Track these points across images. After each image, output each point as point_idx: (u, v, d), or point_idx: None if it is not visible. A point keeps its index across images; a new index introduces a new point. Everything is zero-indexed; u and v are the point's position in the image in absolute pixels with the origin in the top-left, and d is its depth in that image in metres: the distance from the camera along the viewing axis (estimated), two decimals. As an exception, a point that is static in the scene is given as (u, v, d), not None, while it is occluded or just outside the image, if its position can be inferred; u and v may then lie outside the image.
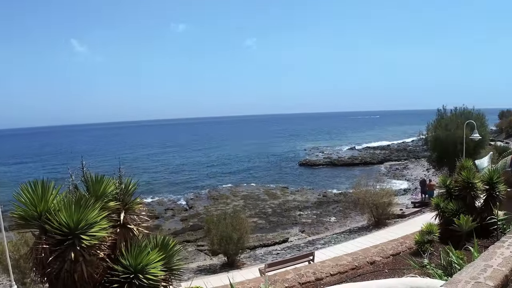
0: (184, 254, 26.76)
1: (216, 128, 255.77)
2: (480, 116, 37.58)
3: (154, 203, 43.92)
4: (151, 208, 40.99)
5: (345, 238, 26.66)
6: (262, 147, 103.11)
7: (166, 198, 46.92)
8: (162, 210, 40.91)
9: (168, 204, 43.93)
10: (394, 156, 74.36)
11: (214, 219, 23.72)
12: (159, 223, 35.70)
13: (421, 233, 13.25)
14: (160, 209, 41.36)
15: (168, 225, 35.20)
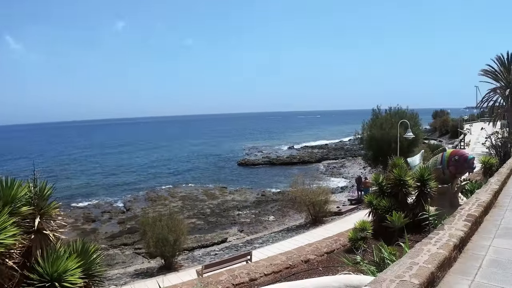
0: (121, 258, 26.27)
1: (158, 128, 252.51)
2: (414, 115, 38.49)
3: (90, 206, 42.92)
4: (87, 211, 40.12)
5: (283, 237, 26.69)
6: (203, 148, 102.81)
7: (103, 200, 45.82)
8: (99, 213, 39.89)
9: (105, 206, 42.90)
10: (332, 155, 75.56)
11: (149, 221, 23.24)
12: (95, 227, 34.87)
13: (355, 230, 13.35)
14: (97, 212, 40.34)
15: (105, 228, 34.33)
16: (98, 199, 46.59)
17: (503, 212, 10.86)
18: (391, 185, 14.08)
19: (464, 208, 9.16)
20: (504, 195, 13.53)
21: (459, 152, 14.75)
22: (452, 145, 61.36)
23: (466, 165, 14.03)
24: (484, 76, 55.19)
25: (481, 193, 11.44)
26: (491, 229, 9.00)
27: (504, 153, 27.05)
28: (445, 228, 7.39)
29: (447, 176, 14.57)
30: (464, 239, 7.20)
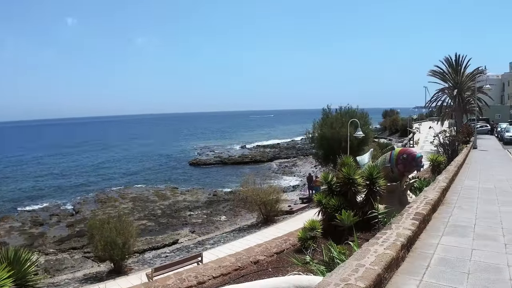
0: (70, 262, 25.45)
1: (110, 128, 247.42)
2: (364, 115, 38.81)
3: (38, 209, 41.42)
4: (35, 214, 38.80)
5: (234, 237, 26.34)
6: (154, 147, 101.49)
7: (52, 203, 44.26)
8: (47, 216, 38.48)
9: (53, 209, 41.44)
10: (284, 154, 75.73)
11: (97, 224, 22.51)
12: (43, 231, 33.55)
13: (304, 229, 13.19)
14: (45, 215, 38.92)
15: (53, 232, 33.13)
16: (46, 202, 44.94)
17: (451, 209, 10.90)
18: (340, 184, 13.97)
19: (412, 207, 9.09)
20: (452, 192, 13.63)
21: (407, 151, 14.78)
22: (402, 143, 62.41)
23: (414, 163, 14.06)
24: (433, 77, 56.51)
25: (429, 191, 11.45)
26: (439, 227, 8.97)
27: (452, 151, 27.53)
28: (393, 227, 7.26)
29: (395, 174, 14.58)
30: (412, 238, 7.10)
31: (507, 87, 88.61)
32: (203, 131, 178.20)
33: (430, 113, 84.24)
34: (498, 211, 11.10)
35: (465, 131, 38.74)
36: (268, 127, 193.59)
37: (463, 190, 14.59)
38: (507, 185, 16.28)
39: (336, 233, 12.53)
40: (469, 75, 54.06)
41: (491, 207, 11.72)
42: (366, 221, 12.99)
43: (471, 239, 8.16)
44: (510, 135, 45.27)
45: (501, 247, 7.71)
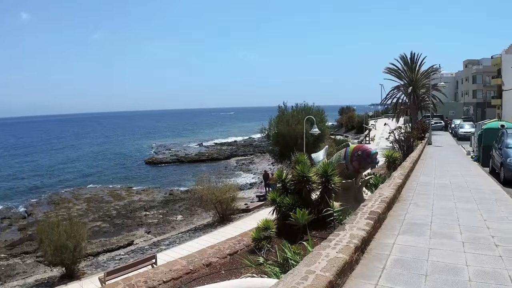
0: (22, 267, 24.45)
1: (65, 127, 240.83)
2: (320, 112, 38.72)
3: (-13, 213, 39.85)
4: (-15, 219, 37.26)
5: (190, 237, 25.79)
6: (109, 146, 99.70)
7: (3, 206, 42.45)
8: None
9: (4, 212, 39.72)
10: (241, 152, 75.41)
11: (46, 228, 21.57)
12: (-7, 235, 32.29)
13: (258, 229, 12.78)
14: (-5, 219, 37.48)
15: (4, 236, 31.69)
16: (-4, 204, 43.45)
17: (407, 207, 10.63)
18: (295, 181, 13.62)
19: (367, 205, 8.74)
20: (407, 189, 13.41)
21: (362, 147, 14.45)
22: (358, 140, 62.97)
23: (369, 160, 13.78)
24: (388, 74, 57.24)
25: (384, 188, 11.17)
26: (395, 225, 8.65)
27: (407, 147, 27.57)
28: (346, 228, 6.86)
29: (350, 171, 14.28)
30: (366, 239, 6.71)
31: (461, 85, 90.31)
32: (161, 129, 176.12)
33: (385, 110, 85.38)
34: (454, 207, 10.93)
35: (420, 127, 39.13)
36: (227, 124, 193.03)
37: (418, 186, 14.44)
38: (462, 180, 16.27)
39: (291, 232, 12.19)
40: (424, 73, 55.04)
41: (447, 203, 11.55)
42: (322, 219, 12.68)
43: (427, 238, 7.86)
44: (464, 131, 46.08)
45: (458, 246, 7.42)
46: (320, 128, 30.65)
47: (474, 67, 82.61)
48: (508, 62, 60.99)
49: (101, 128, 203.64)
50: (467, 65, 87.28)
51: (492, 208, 11.02)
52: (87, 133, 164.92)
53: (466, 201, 11.92)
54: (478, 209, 10.72)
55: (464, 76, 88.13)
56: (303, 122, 29.47)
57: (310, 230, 11.48)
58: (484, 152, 23.21)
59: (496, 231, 8.48)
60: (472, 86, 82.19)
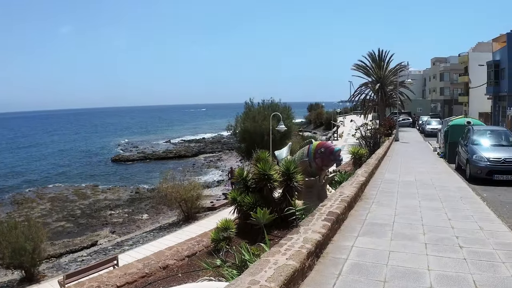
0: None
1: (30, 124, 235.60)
2: (287, 108, 38.39)
3: None
4: None
5: (154, 237, 25.20)
6: (76, 144, 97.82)
7: (-39, 208, 41.33)
8: (-45, 222, 35.69)
9: (-38, 215, 38.63)
10: (209, 149, 74.74)
11: (4, 230, 20.70)
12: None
13: (217, 230, 12.29)
14: (-47, 221, 36.10)
15: (-39, 239, 30.68)
16: (-45, 206, 41.94)
17: (369, 206, 10.21)
18: (256, 180, 13.15)
19: (326, 205, 8.27)
20: (371, 187, 13.02)
21: (325, 144, 14.03)
22: (326, 136, 62.95)
23: (332, 157, 13.38)
24: (357, 71, 57.32)
25: (346, 186, 10.74)
26: (355, 227, 8.20)
27: (374, 144, 27.37)
28: (301, 231, 6.36)
29: (314, 169, 13.87)
30: (322, 242, 6.21)
31: (428, 82, 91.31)
32: (129, 126, 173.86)
33: (354, 106, 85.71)
34: (419, 206, 10.57)
35: (387, 124, 39.08)
36: (196, 121, 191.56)
37: (383, 183, 14.08)
38: (428, 178, 15.99)
39: (253, 232, 11.82)
40: (392, 70, 55.20)
41: (411, 201, 11.20)
42: (285, 218, 12.29)
43: (389, 240, 7.42)
44: (431, 128, 46.29)
45: (421, 248, 7.00)
46: (286, 124, 30.43)
47: (442, 65, 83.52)
48: (475, 60, 61.48)
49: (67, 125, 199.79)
50: (435, 62, 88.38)
51: (457, 206, 10.71)
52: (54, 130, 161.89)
53: (431, 199, 11.58)
54: (443, 208, 10.39)
55: (431, 73, 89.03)
56: (270, 118, 29.07)
57: (273, 230, 11.37)
58: (450, 148, 23.04)
59: (461, 231, 8.12)
60: (440, 83, 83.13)
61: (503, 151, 16.96)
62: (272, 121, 29.06)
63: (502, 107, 48.10)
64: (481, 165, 16.32)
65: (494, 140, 18.42)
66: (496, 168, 16.08)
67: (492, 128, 22.73)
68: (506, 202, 12.26)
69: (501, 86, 48.76)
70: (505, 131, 19.87)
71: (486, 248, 7.06)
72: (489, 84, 52.35)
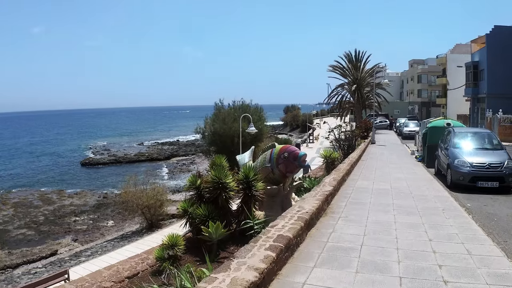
0: None
1: (7, 125, 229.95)
2: (258, 109, 36.89)
3: None
4: None
5: (113, 247, 23.71)
6: (44, 146, 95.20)
7: None
8: None
9: None
10: (182, 151, 73.45)
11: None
12: None
13: (162, 247, 10.63)
14: None
15: None
16: None
17: (335, 222, 8.52)
18: (210, 188, 11.50)
19: (277, 225, 6.57)
20: (340, 197, 11.40)
21: (288, 149, 12.37)
22: (302, 139, 61.92)
23: (296, 163, 11.79)
24: (333, 72, 56.31)
25: (307, 199, 9.07)
26: (312, 253, 6.50)
27: (348, 146, 25.95)
28: (232, 266, 4.63)
29: (277, 176, 12.29)
30: (258, 284, 4.49)
31: (406, 84, 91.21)
32: (102, 128, 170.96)
33: (331, 109, 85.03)
34: (394, 222, 8.89)
35: (363, 126, 37.91)
36: (175, 122, 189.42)
37: (354, 193, 12.38)
38: (405, 185, 14.37)
39: (206, 248, 10.24)
40: (369, 71, 54.23)
41: (385, 215, 9.54)
42: (243, 232, 10.70)
43: (353, 272, 5.73)
44: (408, 130, 45.48)
45: (394, 284, 5.35)
46: (258, 126, 29.18)
47: (420, 67, 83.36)
48: (453, 62, 61.39)
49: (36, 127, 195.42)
50: (413, 64, 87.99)
51: (439, 221, 9.05)
52: (26, 133, 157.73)
53: (408, 212, 9.93)
54: (422, 224, 8.71)
55: (409, 75, 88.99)
56: (240, 120, 27.63)
57: (229, 245, 10.49)
58: (429, 152, 21.46)
59: (445, 256, 6.50)
60: (417, 85, 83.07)
61: (487, 155, 15.38)
62: (243, 123, 27.65)
63: (481, 109, 47.55)
64: (464, 170, 14.72)
65: (477, 143, 16.81)
66: (480, 174, 14.49)
67: (475, 130, 21.03)
68: (494, 214, 10.67)
69: (480, 88, 48.28)
70: (488, 133, 18.27)
71: (478, 283, 5.45)
72: (467, 86, 51.76)
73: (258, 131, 29.38)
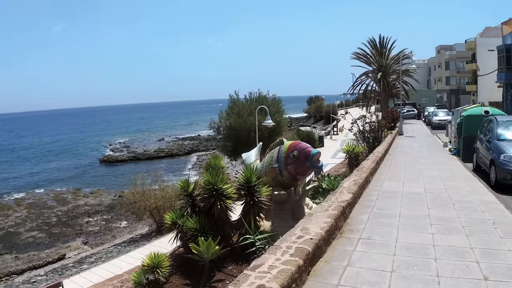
0: None
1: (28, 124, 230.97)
2: (276, 101, 34.67)
3: None
4: None
5: (118, 252, 21.85)
6: (63, 144, 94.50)
7: None
8: None
9: None
10: (203, 146, 71.95)
11: None
12: None
13: (142, 270, 8.69)
14: None
15: None
16: None
17: (352, 248, 6.22)
18: (204, 196, 9.46)
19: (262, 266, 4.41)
20: (362, 206, 9.13)
21: (299, 146, 9.89)
22: (325, 131, 59.81)
23: (308, 164, 9.42)
24: (356, 60, 53.91)
25: (316, 214, 6.85)
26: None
27: (374, 138, 23.67)
28: None
29: (286, 179, 10.04)
30: None
31: (433, 72, 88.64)
32: (123, 123, 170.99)
33: (356, 99, 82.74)
34: (432, 246, 6.47)
35: (390, 116, 35.68)
36: (201, 117, 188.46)
37: (379, 199, 10.05)
38: (441, 187, 11.95)
39: (199, 267, 8.66)
40: (394, 58, 51.50)
41: (419, 235, 7.12)
42: (244, 248, 8.69)
43: None
44: (438, 119, 43.40)
45: None
46: (276, 119, 27.59)
47: (447, 53, 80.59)
48: (483, 46, 58.36)
49: (57, 125, 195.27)
50: (440, 50, 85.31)
51: (493, 243, 6.62)
52: (45, 131, 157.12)
53: (450, 229, 7.45)
54: (471, 248, 6.28)
55: (436, 62, 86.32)
56: (256, 113, 25.64)
57: (228, 264, 8.82)
58: (465, 144, 18.87)
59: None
60: (445, 72, 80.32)
61: (541, 149, 12.83)
62: (259, 116, 25.72)
63: (515, 95, 44.80)
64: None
65: (527, 134, 14.16)
66: (532, 172, 12.01)
67: (521, 118, 18.24)
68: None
69: (513, 72, 45.40)
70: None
71: None
72: (499, 71, 48.83)
73: (276, 124, 27.57)
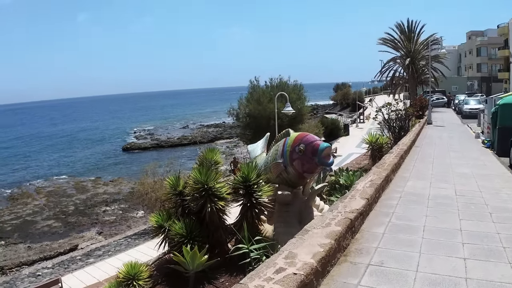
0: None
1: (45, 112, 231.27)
2: (297, 87, 33.27)
3: None
4: None
5: (127, 245, 21.57)
6: (89, 132, 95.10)
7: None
8: None
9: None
10: (227, 134, 71.30)
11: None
12: None
13: (117, 282, 7.47)
14: None
15: None
16: None
17: (357, 281, 4.54)
18: (196, 195, 8.13)
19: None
20: (378, 214, 7.47)
21: (306, 138, 8.36)
22: (351, 119, 58.36)
23: (316, 160, 7.89)
24: (384, 45, 52.04)
25: (312, 231, 5.22)
26: None
27: (400, 127, 22.03)
28: None
29: (292, 176, 8.60)
30: None
31: (464, 58, 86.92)
32: (148, 109, 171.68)
33: (384, 86, 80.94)
34: (464, 279, 4.69)
35: (418, 103, 33.98)
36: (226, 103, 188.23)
37: (400, 205, 8.24)
38: (475, 188, 10.13)
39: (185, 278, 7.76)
40: (423, 43, 49.57)
41: (448, 262, 5.27)
42: (241, 257, 7.60)
43: None
44: (469, 108, 41.45)
45: None
46: (296, 107, 26.89)
47: (478, 39, 78.29)
48: (517, 31, 55.88)
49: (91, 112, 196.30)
50: (471, 36, 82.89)
51: None
52: (69, 119, 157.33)
53: (488, 251, 5.61)
54: None
55: (467, 48, 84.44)
56: (275, 100, 24.41)
57: (221, 274, 7.81)
58: (501, 136, 17.06)
59: None
60: (476, 59, 78.50)
61: None
62: (280, 103, 25.32)
63: (552, 83, 42.73)
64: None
65: None
66: None
67: None
68: None
69: (550, 59, 43.34)
70: None
71: None
72: (534, 57, 46.70)
73: (296, 112, 26.65)
